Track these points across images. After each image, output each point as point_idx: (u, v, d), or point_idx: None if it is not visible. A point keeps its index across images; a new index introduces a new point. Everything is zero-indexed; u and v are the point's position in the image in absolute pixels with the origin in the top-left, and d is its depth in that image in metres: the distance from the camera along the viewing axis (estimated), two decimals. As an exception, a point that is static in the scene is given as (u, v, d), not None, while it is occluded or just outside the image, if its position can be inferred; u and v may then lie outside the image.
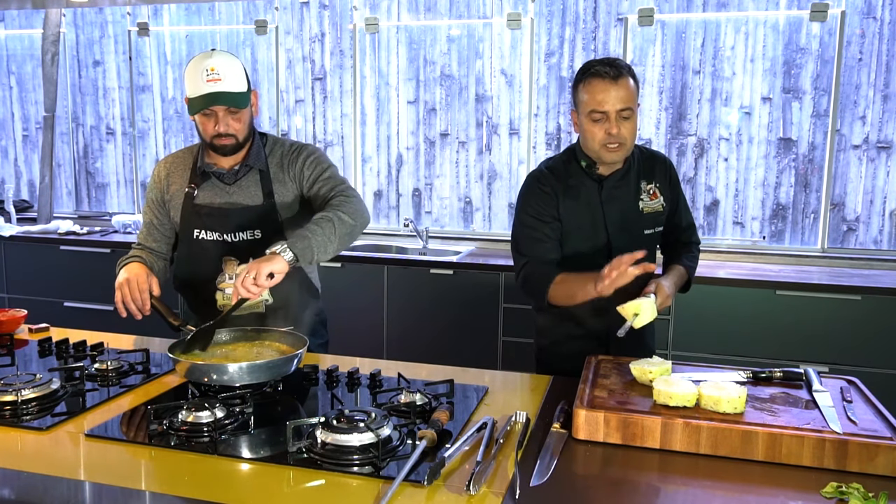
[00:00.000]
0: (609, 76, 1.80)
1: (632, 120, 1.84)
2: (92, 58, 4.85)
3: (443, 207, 4.30)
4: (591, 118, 1.83)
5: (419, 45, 4.19)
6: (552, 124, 4.03)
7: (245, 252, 1.96)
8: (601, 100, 1.80)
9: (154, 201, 2.08)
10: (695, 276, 2.08)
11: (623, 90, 1.80)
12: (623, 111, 1.81)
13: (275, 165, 2.02)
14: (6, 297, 4.40)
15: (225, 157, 1.99)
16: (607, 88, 1.80)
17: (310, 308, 2.11)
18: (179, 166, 2.07)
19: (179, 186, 2.04)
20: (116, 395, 1.68)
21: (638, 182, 1.98)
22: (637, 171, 1.99)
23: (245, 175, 2.00)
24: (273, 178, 2.00)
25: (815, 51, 3.61)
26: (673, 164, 2.09)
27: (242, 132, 1.95)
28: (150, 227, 2.09)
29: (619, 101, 1.80)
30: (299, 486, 1.26)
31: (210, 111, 1.89)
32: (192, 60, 1.91)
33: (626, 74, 1.82)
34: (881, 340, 3.15)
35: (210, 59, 1.88)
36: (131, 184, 4.90)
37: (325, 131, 4.44)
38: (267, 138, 2.07)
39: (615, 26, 3.86)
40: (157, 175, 2.08)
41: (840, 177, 3.67)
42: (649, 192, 1.99)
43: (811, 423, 1.37)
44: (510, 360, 3.59)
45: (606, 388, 1.57)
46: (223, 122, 1.90)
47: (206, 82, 1.86)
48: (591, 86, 1.82)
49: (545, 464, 1.32)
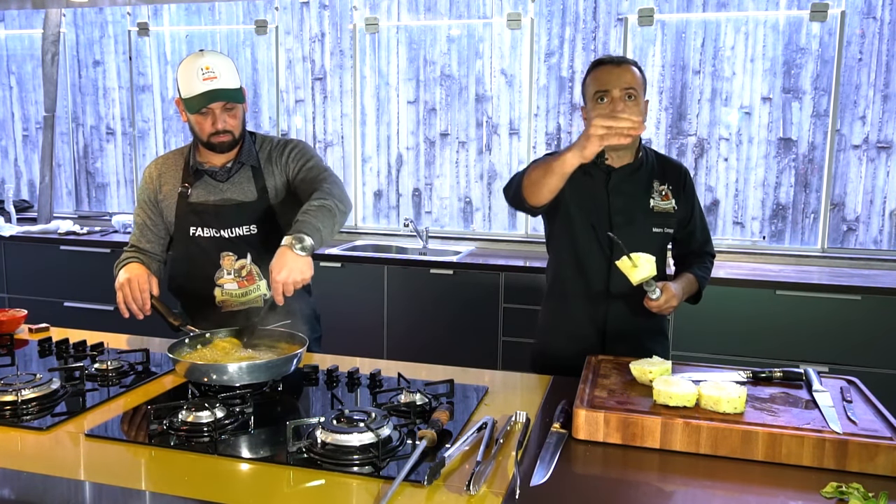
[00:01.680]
0: (613, 62, 1.86)
1: (637, 104, 1.84)
2: (92, 58, 4.85)
3: (443, 207, 4.30)
4: (596, 100, 1.86)
5: (419, 45, 4.19)
6: (552, 124, 4.03)
7: (241, 247, 1.98)
8: (605, 80, 1.84)
9: (147, 202, 2.09)
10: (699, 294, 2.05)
11: (627, 73, 1.84)
12: (627, 90, 1.83)
13: (264, 160, 2.06)
14: (6, 297, 4.40)
15: (218, 155, 2.01)
16: (611, 71, 1.85)
17: (305, 302, 2.13)
18: (171, 167, 2.09)
19: (172, 186, 2.06)
20: (116, 395, 1.68)
21: (651, 180, 1.98)
22: (650, 171, 1.99)
23: (238, 171, 2.03)
24: (264, 173, 2.03)
25: (815, 51, 3.61)
26: (690, 173, 2.07)
27: (238, 128, 1.98)
28: (143, 228, 2.10)
29: (624, 81, 1.83)
30: (299, 486, 1.26)
31: (207, 109, 1.91)
32: (184, 62, 1.93)
33: (631, 63, 1.87)
34: (881, 340, 3.15)
35: (203, 59, 1.90)
36: (131, 184, 4.90)
37: (325, 131, 4.44)
38: (256, 136, 2.10)
39: (615, 26, 3.86)
40: (149, 176, 2.10)
41: (840, 177, 3.67)
42: (661, 193, 1.98)
43: (811, 423, 1.37)
44: (510, 360, 3.58)
45: (606, 388, 1.57)
46: (221, 120, 1.92)
47: (202, 81, 1.87)
48: (597, 71, 1.88)
49: (545, 464, 1.32)
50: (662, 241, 2.01)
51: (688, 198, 2.04)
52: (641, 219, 1.96)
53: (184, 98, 1.91)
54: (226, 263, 2.01)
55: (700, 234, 2.10)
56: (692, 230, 2.08)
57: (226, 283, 2.01)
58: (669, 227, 2.00)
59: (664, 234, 2.00)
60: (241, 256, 2.00)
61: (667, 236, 2.01)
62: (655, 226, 1.97)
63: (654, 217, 1.97)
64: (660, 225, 1.98)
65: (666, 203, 1.98)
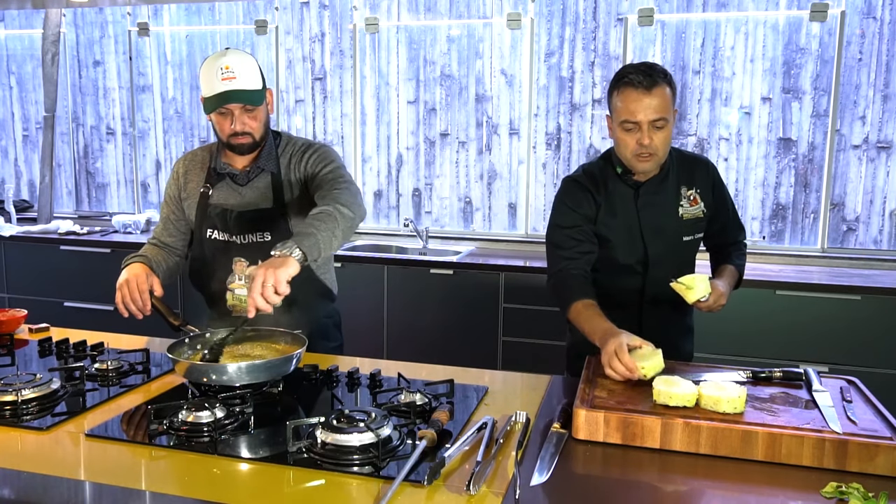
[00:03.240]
0: (643, 86, 1.76)
1: (665, 129, 1.81)
2: (92, 58, 4.85)
3: (443, 207, 4.30)
4: (624, 127, 1.82)
5: (419, 45, 4.19)
6: (552, 124, 4.03)
7: (255, 254, 1.97)
8: (633, 109, 1.78)
9: (172, 197, 2.10)
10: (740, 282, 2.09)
11: (657, 99, 1.77)
12: (656, 122, 1.78)
13: (285, 167, 2.03)
14: (6, 297, 4.40)
15: (239, 158, 2.00)
16: (640, 98, 1.77)
17: (319, 310, 2.11)
18: (197, 165, 2.08)
19: (196, 185, 2.06)
20: (116, 395, 1.68)
21: (678, 187, 1.96)
22: (677, 176, 1.96)
23: (257, 176, 2.01)
24: (283, 180, 2.01)
25: (814, 51, 3.61)
26: (714, 165, 2.06)
27: (259, 130, 1.95)
28: (167, 222, 2.11)
29: (652, 111, 1.77)
30: (299, 486, 1.26)
31: (226, 109, 1.89)
32: (207, 60, 1.91)
33: (662, 82, 1.78)
34: (881, 340, 3.15)
35: (224, 58, 1.88)
36: (131, 184, 4.90)
37: (325, 131, 4.44)
38: (281, 138, 2.06)
39: (615, 26, 3.86)
40: (176, 172, 2.10)
41: (840, 177, 3.67)
42: (689, 199, 1.96)
43: (811, 423, 1.37)
44: (510, 360, 3.59)
45: (606, 387, 1.57)
46: (239, 121, 1.90)
47: (220, 81, 1.86)
48: (625, 95, 1.79)
49: (545, 464, 1.32)
50: (694, 248, 2.02)
51: (717, 193, 2.03)
52: (671, 230, 1.95)
53: (203, 97, 1.90)
54: (237, 268, 2.01)
55: (733, 225, 2.10)
56: (724, 222, 2.07)
57: (236, 287, 2.01)
58: (699, 231, 2.00)
59: (695, 241, 2.00)
60: (253, 263, 1.97)
61: (697, 241, 2.01)
62: (686, 234, 1.97)
63: (683, 226, 1.96)
64: (690, 232, 1.97)
65: (695, 208, 1.96)
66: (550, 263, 1.96)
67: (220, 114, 1.90)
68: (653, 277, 1.95)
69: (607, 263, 1.95)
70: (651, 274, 1.95)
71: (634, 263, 1.95)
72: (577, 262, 1.90)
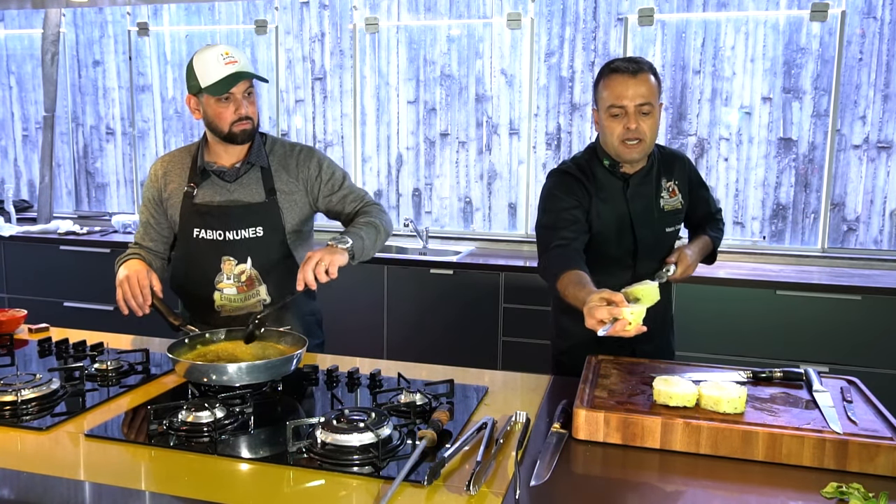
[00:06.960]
0: (628, 71, 1.80)
1: (652, 116, 1.83)
2: (92, 58, 4.85)
3: (443, 207, 4.30)
4: (610, 113, 1.83)
5: (419, 45, 4.19)
6: (552, 124, 4.03)
7: (245, 250, 1.97)
8: (619, 94, 1.80)
9: (151, 200, 2.08)
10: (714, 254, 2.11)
11: (643, 86, 1.80)
12: (642, 106, 1.80)
13: (276, 163, 2.03)
14: (6, 297, 4.40)
15: (227, 155, 2.00)
16: (626, 83, 1.80)
17: (305, 308, 2.12)
18: (177, 165, 2.06)
19: (178, 185, 2.04)
20: (116, 395, 1.68)
21: (659, 179, 1.98)
22: (658, 169, 1.99)
23: (247, 172, 2.01)
24: (274, 176, 2.01)
25: (815, 51, 3.61)
26: (693, 163, 2.10)
27: (257, 117, 1.99)
28: (147, 226, 2.09)
29: (639, 95, 1.79)
30: (299, 486, 1.26)
31: (230, 95, 1.90)
32: (199, 53, 1.92)
33: (647, 71, 1.82)
34: (881, 340, 3.15)
35: (219, 47, 1.92)
36: (131, 184, 4.90)
37: (325, 131, 4.44)
38: (266, 137, 2.08)
39: (615, 26, 3.86)
40: (154, 174, 2.08)
41: (840, 177, 3.67)
42: (669, 190, 1.99)
43: (811, 423, 1.37)
44: (510, 360, 3.58)
45: (606, 388, 1.57)
46: (243, 106, 1.92)
47: (224, 65, 1.89)
48: (611, 80, 1.83)
49: (545, 464, 1.32)
50: (673, 239, 2.05)
51: (694, 191, 2.07)
52: (656, 220, 1.97)
53: (205, 87, 1.89)
54: (226, 268, 1.99)
55: (707, 206, 2.13)
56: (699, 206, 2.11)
57: (225, 287, 1.99)
58: (679, 223, 2.03)
59: (675, 232, 2.03)
60: (242, 261, 1.98)
61: (676, 233, 2.04)
62: (668, 225, 1.99)
63: (665, 217, 1.98)
64: (671, 223, 2.00)
65: (673, 199, 1.99)
66: (542, 245, 1.90)
67: (224, 101, 1.91)
68: (640, 270, 1.96)
69: (597, 258, 1.95)
70: (639, 267, 1.96)
71: (624, 255, 1.95)
72: (572, 240, 1.85)
